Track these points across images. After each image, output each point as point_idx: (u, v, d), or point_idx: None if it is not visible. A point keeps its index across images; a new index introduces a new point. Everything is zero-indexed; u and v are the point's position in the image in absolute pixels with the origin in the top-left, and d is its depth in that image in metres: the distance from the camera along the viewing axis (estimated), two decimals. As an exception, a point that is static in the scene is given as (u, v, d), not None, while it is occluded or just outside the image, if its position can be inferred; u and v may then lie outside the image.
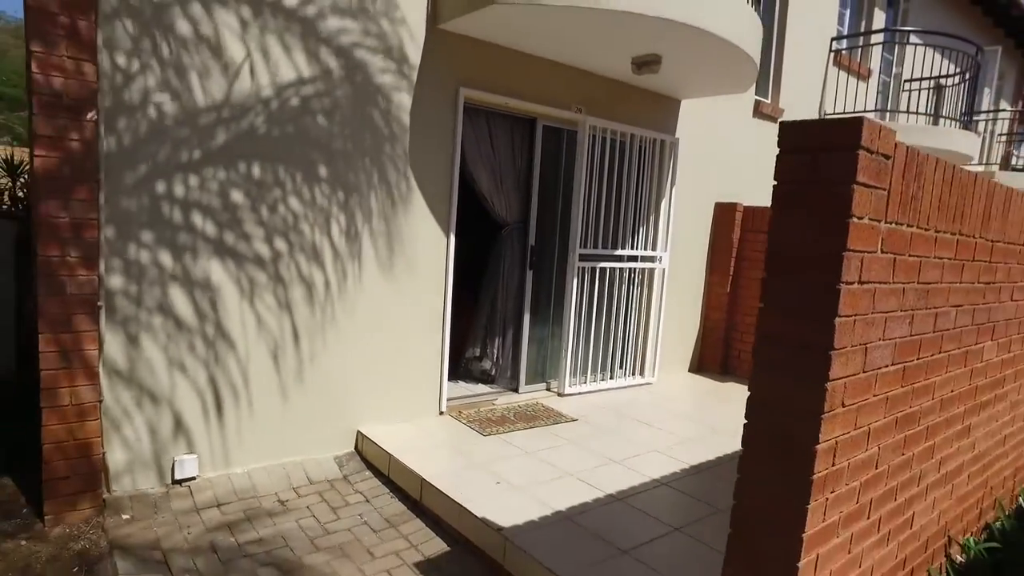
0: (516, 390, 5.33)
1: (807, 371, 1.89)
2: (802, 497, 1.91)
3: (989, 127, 13.02)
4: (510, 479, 3.69)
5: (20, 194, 13.06)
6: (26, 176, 12.53)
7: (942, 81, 8.71)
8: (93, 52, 3.06)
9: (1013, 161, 13.76)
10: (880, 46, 8.85)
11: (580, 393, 5.49)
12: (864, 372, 2.03)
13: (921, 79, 8.86)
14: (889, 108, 9.25)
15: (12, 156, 12.66)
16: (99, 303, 3.25)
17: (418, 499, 3.68)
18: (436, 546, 3.36)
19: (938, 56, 8.82)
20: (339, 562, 3.14)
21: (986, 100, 12.53)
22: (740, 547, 2.08)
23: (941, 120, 8.64)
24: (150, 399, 3.51)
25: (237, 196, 3.62)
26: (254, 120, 3.63)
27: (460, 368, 5.44)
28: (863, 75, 8.51)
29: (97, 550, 3.02)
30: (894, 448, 2.36)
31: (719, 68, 4.82)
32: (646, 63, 4.66)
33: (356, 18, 3.92)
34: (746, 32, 4.40)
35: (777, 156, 1.97)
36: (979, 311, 2.87)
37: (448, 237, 4.58)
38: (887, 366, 2.18)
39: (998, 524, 3.48)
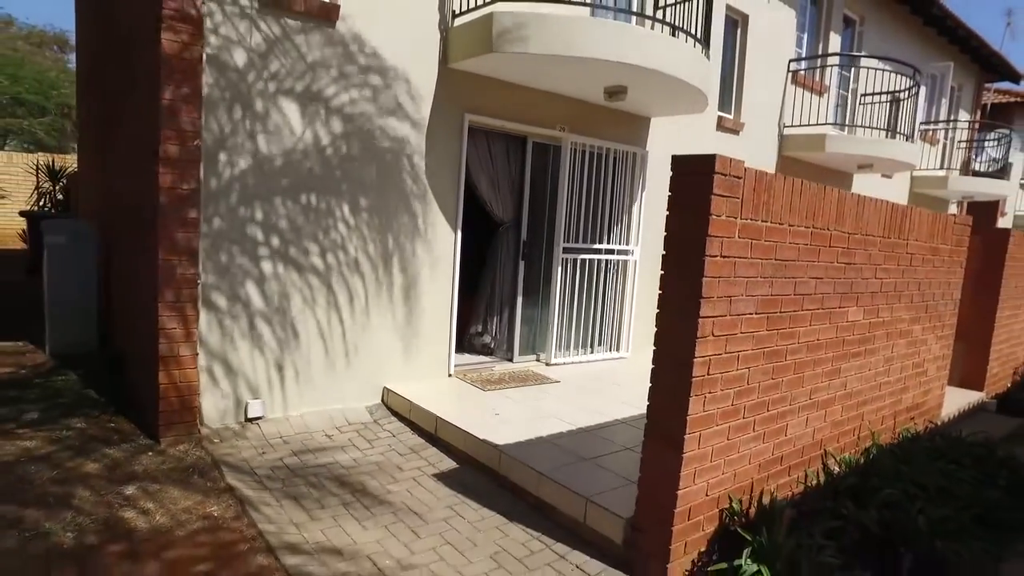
0: (511, 360, 6.44)
1: (687, 312, 3.01)
2: (685, 392, 3.03)
3: (949, 135, 14.15)
4: (505, 417, 4.81)
5: (59, 197, 14.21)
6: (64, 180, 13.66)
7: (888, 96, 9.82)
8: (198, 128, 4.19)
9: (976, 166, 14.78)
10: (842, 64, 9.97)
11: (564, 363, 6.61)
12: (730, 315, 3.15)
13: (874, 94, 10.01)
14: (845, 122, 10.36)
15: (53, 162, 13.86)
16: (198, 292, 4.37)
17: (433, 432, 4.80)
18: (448, 464, 4.48)
19: (892, 73, 9.93)
20: (377, 476, 4.25)
21: (944, 110, 13.66)
22: (653, 427, 3.21)
23: (887, 132, 9.76)
24: (230, 360, 4.63)
25: (298, 218, 4.75)
26: (311, 164, 4.76)
27: (465, 342, 6.55)
28: (819, 92, 9.64)
29: (204, 463, 4.14)
30: (763, 372, 3.48)
31: (674, 96, 5.96)
32: (615, 92, 5.79)
33: (388, 63, 5.04)
34: (693, 70, 5.52)
35: (671, 177, 3.09)
36: (840, 283, 3.99)
37: (456, 234, 5.71)
38: (751, 313, 3.30)
39: (874, 451, 4.57)
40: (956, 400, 6.55)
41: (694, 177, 2.97)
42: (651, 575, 3.20)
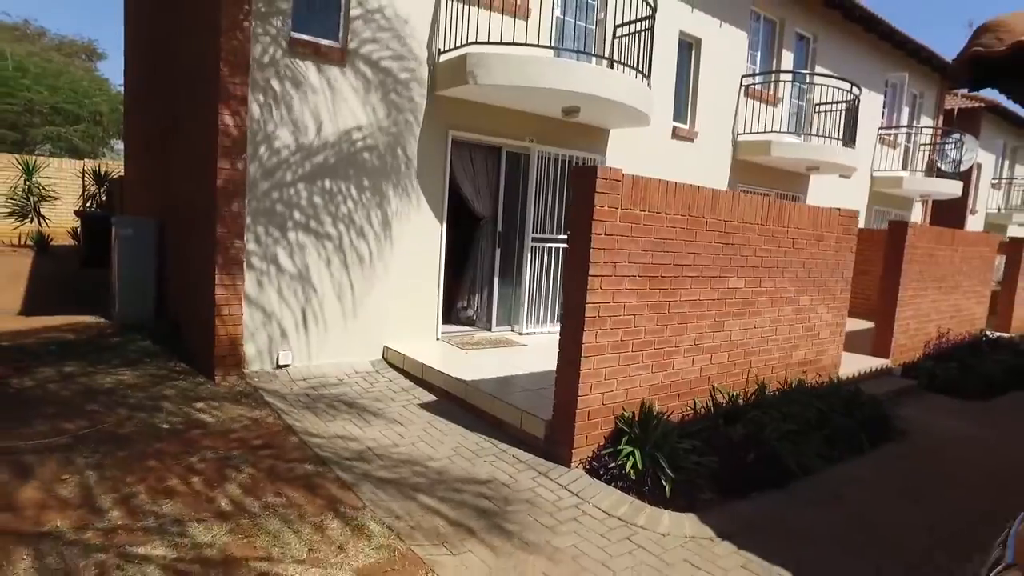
0: (489, 330, 7.85)
1: (580, 271, 4.41)
2: (580, 328, 4.42)
3: (913, 139, 15.35)
4: (477, 366, 6.21)
5: (103, 199, 15.87)
6: (107, 184, 15.26)
7: (835, 106, 11.11)
8: (245, 137, 5.65)
9: (942, 167, 15.87)
10: (789, 80, 11.27)
11: (533, 333, 8.00)
12: (615, 275, 4.54)
13: (824, 104, 11.32)
14: (800, 130, 11.65)
15: (99, 168, 15.49)
16: (243, 259, 5.83)
17: (420, 376, 6.23)
18: (429, 398, 5.90)
19: (841, 86, 11.19)
20: (375, 403, 5.68)
21: (904, 116, 14.88)
22: (561, 353, 4.61)
23: (838, 138, 11.04)
24: (267, 317, 6.09)
25: (316, 199, 6.21)
26: (328, 156, 6.22)
27: (452, 315, 7.96)
28: (773, 103, 10.96)
29: (248, 391, 5.60)
30: (648, 320, 4.86)
31: (619, 114, 7.35)
32: (569, 111, 7.20)
33: (389, 92, 6.49)
34: (631, 95, 6.91)
35: (571, 181, 4.48)
36: (719, 258, 5.36)
37: (442, 226, 7.13)
38: (635, 275, 4.68)
39: (760, 391, 5.91)
40: (860, 364, 7.85)
41: (584, 179, 4.36)
42: (561, 459, 4.60)
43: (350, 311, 6.58)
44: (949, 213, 17.79)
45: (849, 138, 10.70)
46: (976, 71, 3.17)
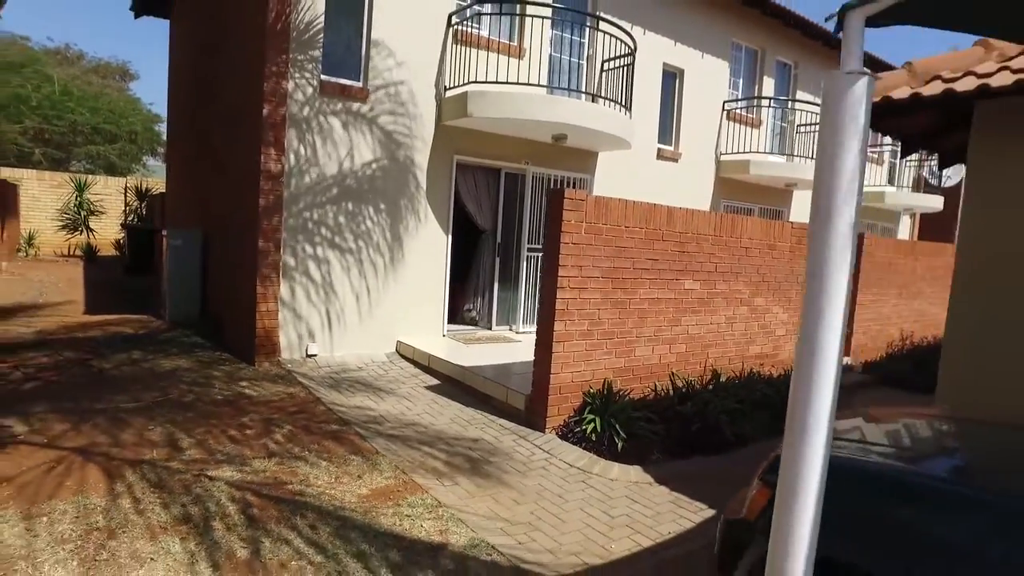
0: (489, 328, 8.93)
1: (552, 272, 5.48)
2: (551, 318, 5.49)
3: (898, 156, 16.22)
4: (475, 356, 7.29)
5: (143, 212, 17.24)
6: (147, 199, 16.62)
7: (810, 128, 12.11)
8: (282, 163, 6.83)
9: (935, 181, 16.70)
10: (770, 104, 12.29)
11: (528, 332, 9.04)
12: (581, 276, 5.60)
13: (805, 125, 12.32)
14: (780, 150, 12.64)
15: (140, 185, 16.87)
16: (279, 267, 6.98)
17: (427, 365, 7.32)
18: (434, 382, 6.99)
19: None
20: (388, 385, 6.77)
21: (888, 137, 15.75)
22: (538, 339, 5.67)
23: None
24: (297, 315, 7.23)
25: (341, 218, 7.36)
26: (350, 179, 7.37)
27: (457, 316, 9.05)
28: (755, 125, 11.97)
29: (282, 374, 6.73)
30: (611, 313, 5.91)
31: (602, 140, 8.43)
32: (558, 138, 8.30)
33: (402, 124, 7.65)
34: (613, 124, 8.00)
35: (548, 197, 5.57)
36: (676, 263, 6.40)
37: (448, 237, 8.25)
38: (598, 277, 5.74)
39: (722, 381, 6.90)
40: (821, 360, 8.79)
41: (556, 199, 5.45)
42: (537, 426, 5.66)
43: (367, 312, 7.70)
44: (940, 225, 18.57)
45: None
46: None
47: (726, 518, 2.68)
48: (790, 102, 12.46)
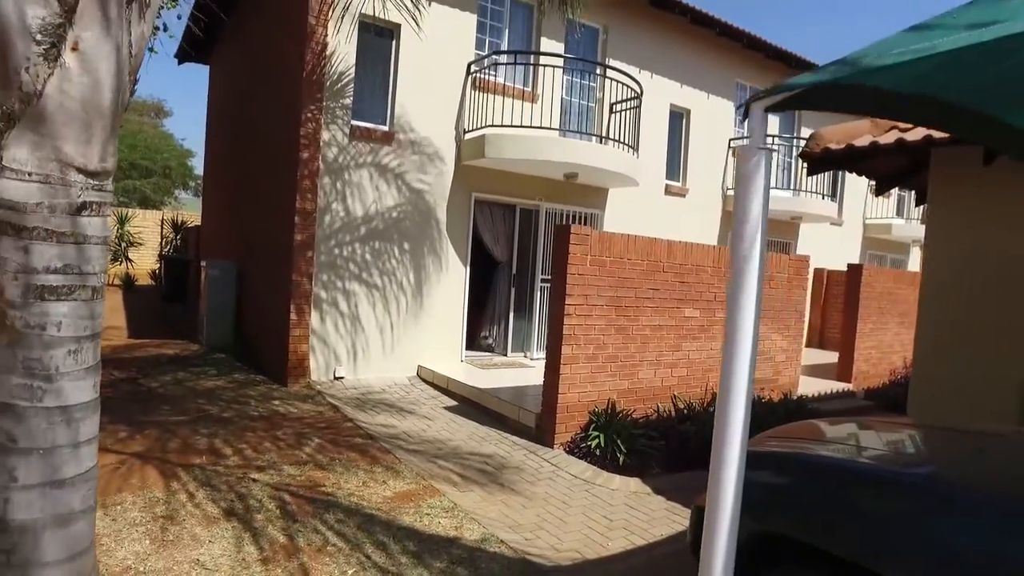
0: (505, 354, 9.44)
1: (559, 300, 6.00)
2: (559, 342, 5.99)
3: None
4: (491, 379, 7.79)
5: (178, 244, 18.12)
6: (183, 231, 17.47)
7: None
8: (316, 202, 7.49)
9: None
10: (774, 141, 12.82)
11: (542, 358, 9.48)
12: (586, 304, 6.12)
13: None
14: (787, 185, 13.12)
15: (177, 217, 17.79)
16: (311, 297, 7.59)
17: (446, 387, 7.83)
18: (452, 403, 7.49)
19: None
20: (409, 405, 7.29)
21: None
22: (547, 362, 6.17)
23: (827, 194, 12.49)
24: (326, 341, 7.81)
25: (367, 252, 7.98)
26: (377, 222, 8.01)
27: (475, 343, 9.58)
28: (760, 161, 12.47)
29: (313, 394, 7.28)
30: (615, 339, 6.40)
31: (611, 178, 9.01)
32: (569, 176, 8.90)
33: (425, 164, 8.30)
34: (621, 163, 8.58)
35: (555, 232, 6.12)
36: (676, 292, 6.89)
37: (466, 269, 8.83)
38: (603, 305, 6.25)
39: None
40: (823, 386, 9.16)
41: (562, 234, 6.00)
42: (547, 442, 6.13)
43: (391, 338, 8.27)
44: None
45: (831, 192, 12.15)
46: (809, 163, 4.74)
47: (696, 505, 3.14)
48: (795, 139, 12.96)
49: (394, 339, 8.30)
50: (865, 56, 1.77)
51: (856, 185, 14.30)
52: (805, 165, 4.92)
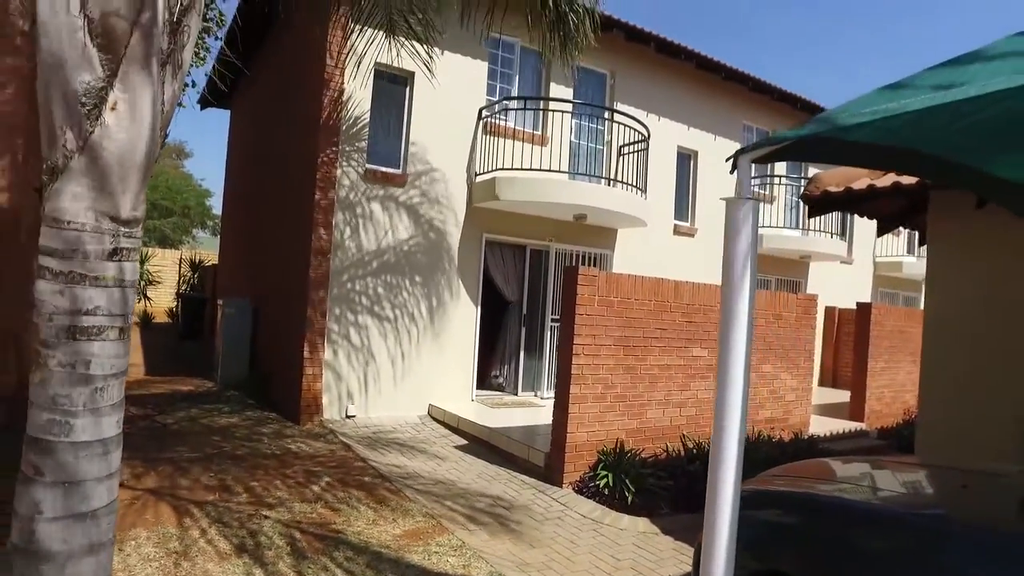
0: (516, 394, 9.49)
1: (568, 340, 6.10)
2: (568, 382, 6.07)
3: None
4: (501, 419, 7.84)
5: (195, 282, 18.41)
6: (200, 270, 17.79)
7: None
8: (331, 239, 7.70)
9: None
10: (780, 181, 12.99)
11: (551, 398, 9.53)
12: (594, 344, 6.21)
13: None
14: (796, 224, 13.25)
15: (195, 256, 18.14)
16: (325, 333, 7.74)
17: (456, 426, 7.89)
18: (462, 442, 7.54)
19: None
20: (420, 444, 7.35)
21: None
22: (556, 401, 6.24)
23: (837, 233, 12.58)
24: (339, 378, 7.93)
25: (380, 290, 8.15)
26: (389, 255, 8.20)
27: (486, 382, 9.65)
28: (768, 201, 12.64)
29: (325, 433, 7.37)
30: (623, 378, 6.46)
31: (620, 219, 9.17)
32: (578, 217, 9.07)
33: (437, 206, 8.52)
34: (629, 205, 8.75)
35: (563, 273, 6.25)
36: (683, 332, 6.96)
37: (477, 309, 8.96)
38: (611, 344, 6.33)
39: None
40: (835, 425, 9.11)
41: (571, 275, 6.13)
42: (555, 482, 6.15)
43: (403, 378, 8.37)
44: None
45: (840, 231, 12.24)
46: (810, 205, 4.86)
47: (698, 542, 3.19)
48: (801, 179, 13.11)
49: (406, 379, 8.40)
50: (842, 113, 1.92)
51: (865, 224, 14.37)
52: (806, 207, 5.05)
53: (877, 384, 9.66)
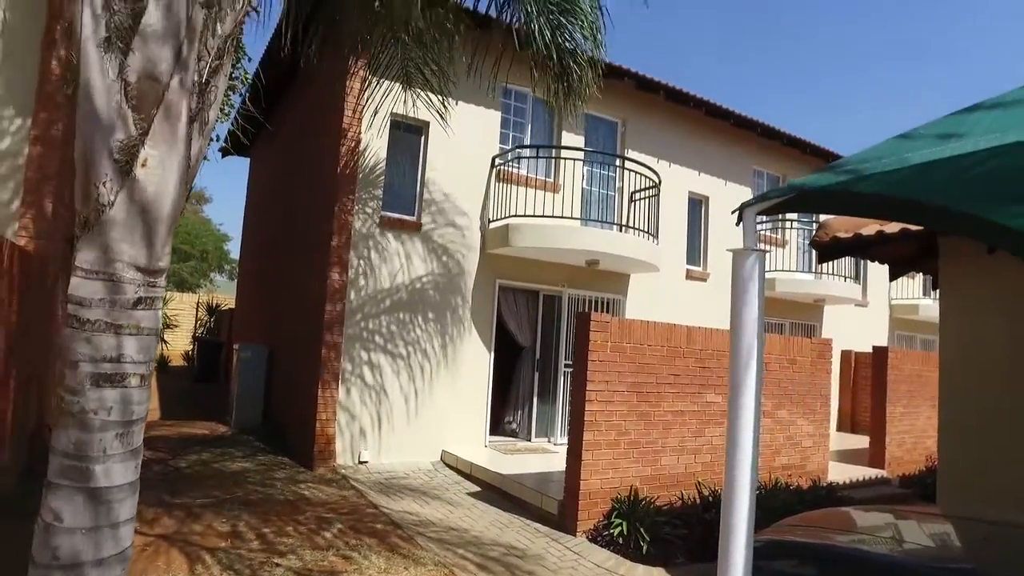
0: (529, 440, 9.42)
1: (580, 386, 6.10)
2: (581, 428, 6.04)
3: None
4: (514, 465, 7.78)
5: (212, 326, 18.58)
6: (216, 314, 17.98)
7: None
8: (346, 282, 7.82)
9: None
10: (791, 225, 13.04)
11: (565, 444, 9.48)
12: (607, 390, 6.20)
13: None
14: (808, 267, 13.23)
15: (212, 300, 18.35)
16: (340, 374, 7.78)
17: (469, 472, 7.83)
18: (475, 489, 7.47)
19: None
20: (432, 491, 7.29)
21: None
22: (569, 448, 6.20)
23: (850, 277, 12.56)
24: (352, 426, 7.94)
25: (393, 327, 8.22)
26: (401, 287, 8.29)
27: (499, 428, 9.59)
28: (780, 245, 12.67)
29: (338, 478, 7.34)
30: (636, 424, 6.42)
31: (632, 264, 9.24)
32: (591, 262, 9.15)
33: (450, 252, 8.64)
34: (641, 250, 8.82)
35: (576, 319, 6.29)
36: (697, 377, 6.93)
37: (490, 354, 8.99)
38: (624, 390, 6.32)
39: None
40: (854, 472, 8.93)
41: (583, 321, 6.16)
42: (569, 530, 6.07)
43: (415, 423, 8.37)
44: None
45: (854, 274, 12.22)
46: (819, 251, 4.90)
47: (713, 596, 3.14)
48: (813, 223, 13.15)
49: (419, 424, 8.39)
50: (847, 164, 1.98)
51: (879, 266, 14.33)
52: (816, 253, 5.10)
53: (897, 430, 9.49)
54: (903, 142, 1.88)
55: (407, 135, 8.68)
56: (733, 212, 2.34)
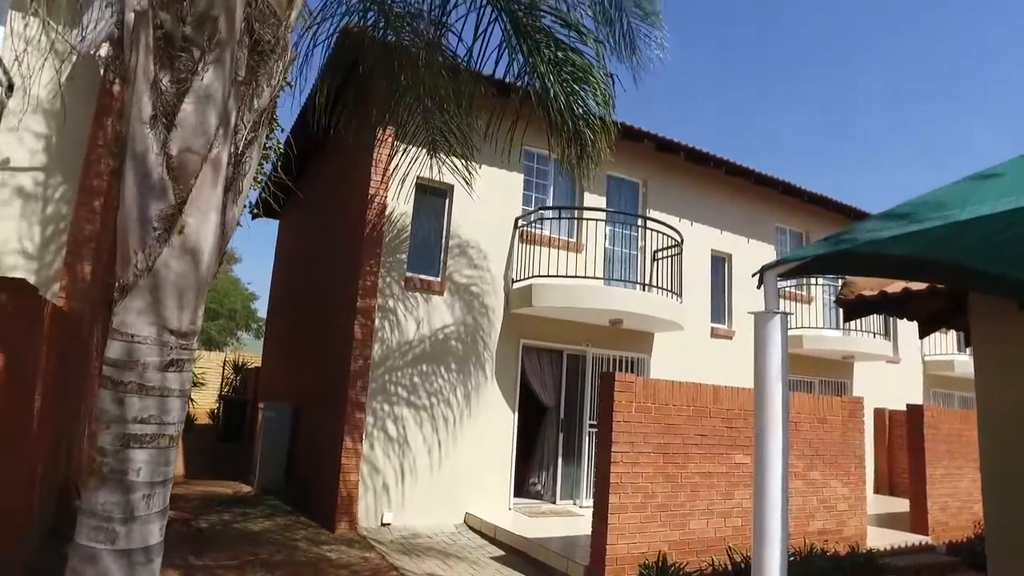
0: (554, 502, 9.23)
1: (605, 448, 6.01)
2: (607, 491, 5.93)
3: (967, 327, 16.18)
4: (539, 529, 7.61)
5: (238, 384, 18.70)
6: (243, 372, 18.14)
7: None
8: (371, 341, 7.90)
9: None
10: (816, 282, 12.92)
11: (591, 506, 9.26)
12: (632, 452, 6.10)
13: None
14: (836, 324, 13.04)
15: (239, 359, 18.56)
16: (363, 429, 7.77)
17: (493, 536, 7.66)
18: (499, 552, 7.30)
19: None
20: (456, 552, 7.14)
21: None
22: (595, 511, 6.06)
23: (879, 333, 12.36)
24: (375, 484, 7.87)
25: (416, 378, 8.23)
26: (425, 345, 8.33)
27: (524, 490, 9.42)
28: (806, 301, 12.55)
29: (360, 539, 7.24)
30: (663, 487, 6.28)
31: (656, 323, 9.20)
32: (615, 322, 9.14)
33: (474, 313, 8.71)
34: (664, 309, 8.81)
35: (600, 379, 6.25)
36: (725, 438, 6.79)
37: (514, 415, 8.93)
38: (650, 452, 6.21)
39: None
40: (896, 538, 8.54)
41: (607, 381, 6.12)
42: (596, 597, 5.88)
43: (439, 484, 8.27)
44: None
45: (884, 330, 12.01)
46: (844, 308, 4.85)
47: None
48: (839, 279, 13.04)
49: (443, 485, 8.29)
50: (857, 230, 2.01)
51: (909, 323, 14.07)
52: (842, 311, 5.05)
53: (939, 492, 9.12)
54: (922, 205, 1.91)
55: (432, 198, 8.90)
56: (753, 275, 2.36)
